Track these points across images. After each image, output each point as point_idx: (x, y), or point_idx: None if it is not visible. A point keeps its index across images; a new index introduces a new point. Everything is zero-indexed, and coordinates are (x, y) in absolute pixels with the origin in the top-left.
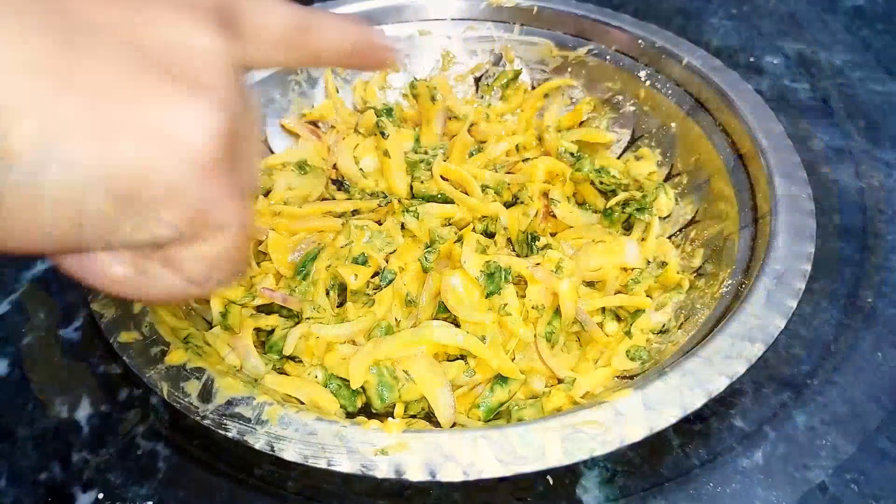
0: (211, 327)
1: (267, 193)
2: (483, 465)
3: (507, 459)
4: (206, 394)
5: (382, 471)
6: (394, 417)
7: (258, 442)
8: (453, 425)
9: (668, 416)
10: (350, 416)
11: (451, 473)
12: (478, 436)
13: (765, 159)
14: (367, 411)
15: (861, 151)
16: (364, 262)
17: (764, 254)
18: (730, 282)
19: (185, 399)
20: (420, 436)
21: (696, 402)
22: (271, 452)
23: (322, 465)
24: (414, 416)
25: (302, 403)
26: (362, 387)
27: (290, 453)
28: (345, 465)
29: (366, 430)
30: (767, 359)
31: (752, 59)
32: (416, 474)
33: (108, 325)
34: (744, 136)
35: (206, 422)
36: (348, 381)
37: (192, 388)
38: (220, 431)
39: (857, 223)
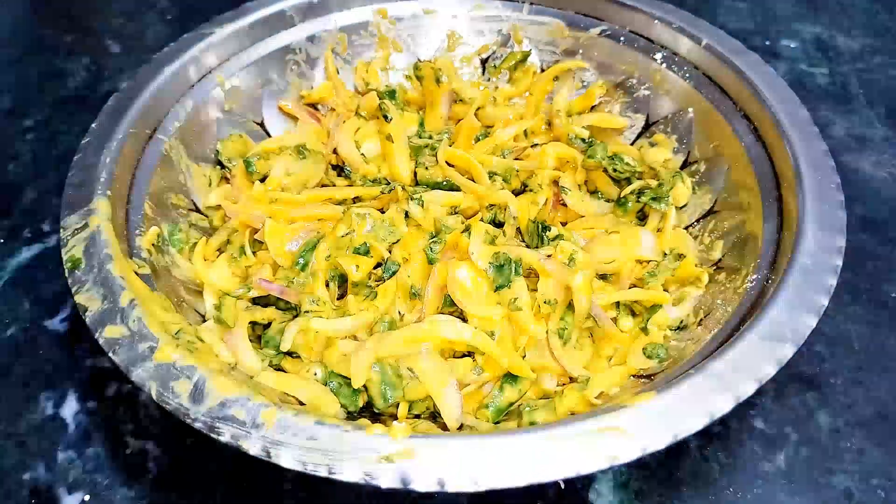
0: (204, 321)
1: (264, 179)
2: (495, 474)
3: (520, 468)
4: (198, 394)
5: (388, 480)
6: (397, 417)
7: (253, 447)
8: (461, 426)
9: (693, 423)
10: (351, 415)
11: (461, 483)
12: (489, 442)
13: (790, 147)
14: (370, 410)
15: (882, 139)
16: (366, 253)
17: (792, 247)
18: (754, 277)
19: (175, 400)
20: (427, 442)
21: (724, 407)
22: (267, 459)
23: (322, 473)
24: (418, 416)
25: (301, 403)
26: (364, 385)
27: (287, 460)
28: (347, 474)
29: (369, 436)
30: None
31: (767, 43)
32: (423, 484)
33: (94, 319)
34: (767, 122)
35: (197, 425)
36: (349, 379)
37: (183, 388)
38: (212, 436)
39: (881, 214)
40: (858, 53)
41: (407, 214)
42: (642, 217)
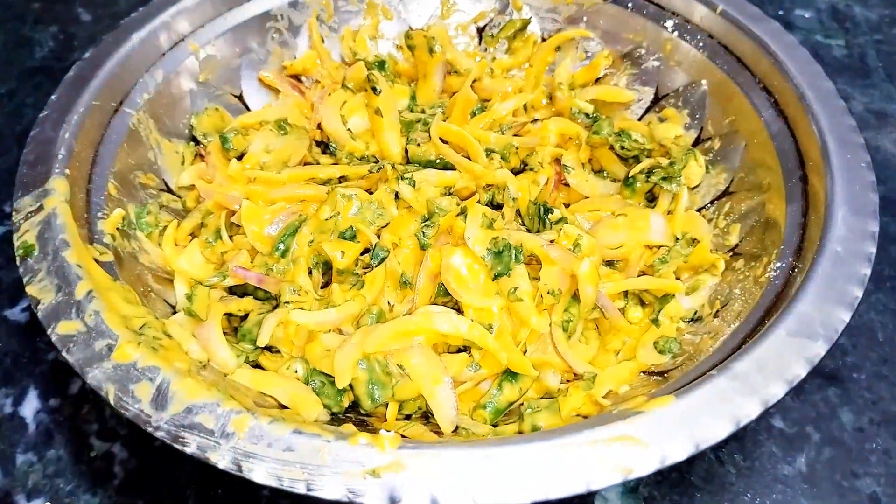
0: (175, 312)
1: (241, 157)
2: (495, 489)
3: (524, 483)
4: (161, 399)
5: (374, 497)
6: (386, 419)
7: (222, 460)
8: (456, 429)
9: (716, 431)
10: (335, 417)
11: (456, 500)
12: (488, 453)
13: (815, 122)
14: (356, 410)
15: None
16: (352, 237)
17: (820, 233)
18: (777, 265)
19: (136, 406)
20: (419, 453)
21: (751, 412)
22: (238, 473)
23: (300, 489)
24: (409, 417)
25: (281, 405)
26: (350, 384)
27: (260, 475)
28: (327, 490)
29: (353, 447)
30: None
31: (781, 13)
32: (414, 502)
33: (47, 313)
34: (789, 96)
35: (159, 434)
36: (333, 377)
37: (144, 391)
38: (176, 446)
39: None
40: (876, 24)
41: (397, 195)
42: (651, 198)
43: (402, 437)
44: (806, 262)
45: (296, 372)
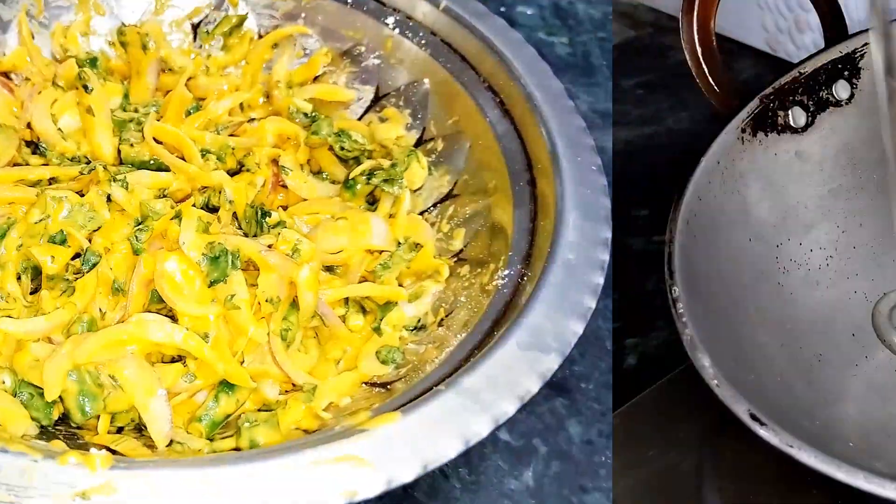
0: None
1: None
2: None
3: None
4: None
5: None
6: (98, 431)
7: None
8: (171, 443)
9: (445, 449)
10: (45, 430)
11: None
12: (207, 473)
13: (543, 123)
14: (67, 422)
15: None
16: (62, 242)
17: (550, 240)
18: (505, 272)
19: None
20: (132, 473)
21: (481, 431)
22: None
23: None
24: (122, 430)
25: None
26: (60, 396)
27: None
28: None
29: (63, 466)
30: None
31: (502, 9)
32: None
33: None
34: (516, 95)
35: None
36: (42, 389)
37: None
38: None
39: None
40: (600, 22)
41: (109, 198)
42: (373, 201)
43: (115, 453)
44: (536, 271)
45: (3, 383)
